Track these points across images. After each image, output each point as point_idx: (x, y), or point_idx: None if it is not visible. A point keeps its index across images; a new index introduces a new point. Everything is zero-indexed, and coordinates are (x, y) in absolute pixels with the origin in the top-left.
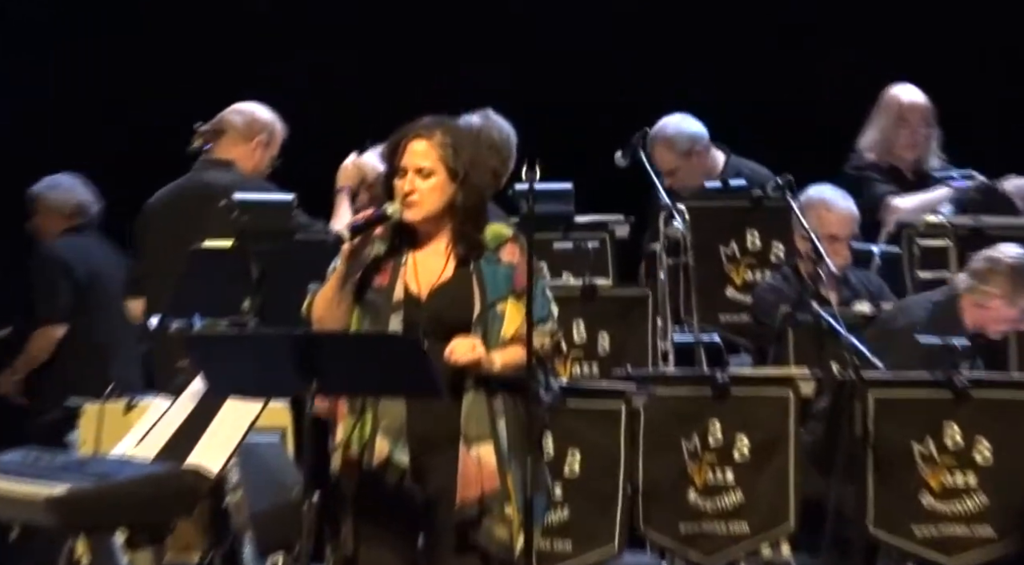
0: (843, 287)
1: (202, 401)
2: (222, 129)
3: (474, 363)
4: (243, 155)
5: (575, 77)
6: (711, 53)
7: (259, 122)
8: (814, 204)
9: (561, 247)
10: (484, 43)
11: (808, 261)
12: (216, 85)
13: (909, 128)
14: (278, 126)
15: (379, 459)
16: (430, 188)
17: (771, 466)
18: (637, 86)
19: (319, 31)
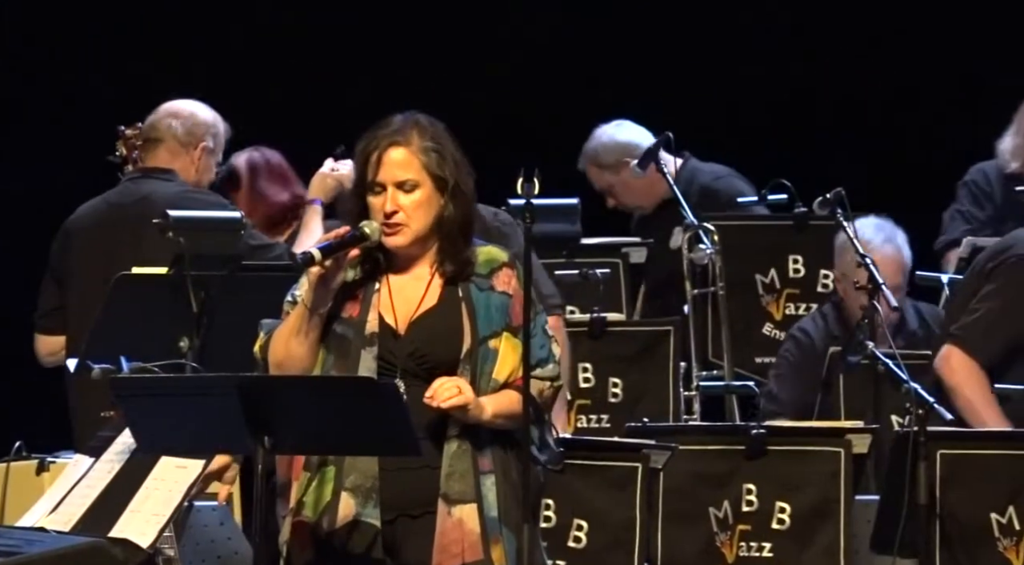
0: (898, 335)
1: (130, 460)
2: (157, 138)
3: (460, 409)
4: (185, 166)
5: (584, 79)
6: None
7: (201, 125)
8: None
9: (565, 274)
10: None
11: (863, 292)
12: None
13: None
14: (221, 126)
15: (343, 520)
16: (415, 204)
17: (818, 538)
18: (655, 89)
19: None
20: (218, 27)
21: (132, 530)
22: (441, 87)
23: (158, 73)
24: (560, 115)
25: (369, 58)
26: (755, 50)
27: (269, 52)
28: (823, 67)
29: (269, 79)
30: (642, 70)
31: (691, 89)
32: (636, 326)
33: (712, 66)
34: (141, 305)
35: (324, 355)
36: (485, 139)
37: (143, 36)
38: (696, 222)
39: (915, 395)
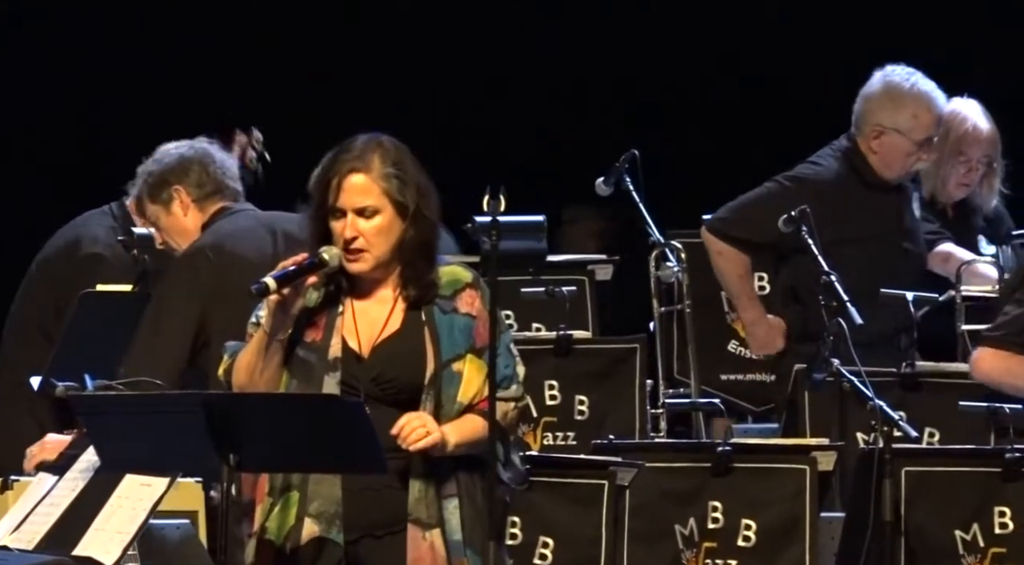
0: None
1: (95, 478)
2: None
3: (429, 448)
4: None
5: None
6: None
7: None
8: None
9: (531, 292)
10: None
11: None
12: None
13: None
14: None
15: (306, 548)
16: (375, 230)
17: (784, 555)
18: (621, 104)
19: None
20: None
21: (96, 548)
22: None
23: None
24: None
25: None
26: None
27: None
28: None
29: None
30: (602, 85)
31: (663, 107)
32: (602, 344)
33: (675, 80)
34: (106, 322)
35: (287, 379)
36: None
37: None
38: (662, 240)
39: (880, 412)
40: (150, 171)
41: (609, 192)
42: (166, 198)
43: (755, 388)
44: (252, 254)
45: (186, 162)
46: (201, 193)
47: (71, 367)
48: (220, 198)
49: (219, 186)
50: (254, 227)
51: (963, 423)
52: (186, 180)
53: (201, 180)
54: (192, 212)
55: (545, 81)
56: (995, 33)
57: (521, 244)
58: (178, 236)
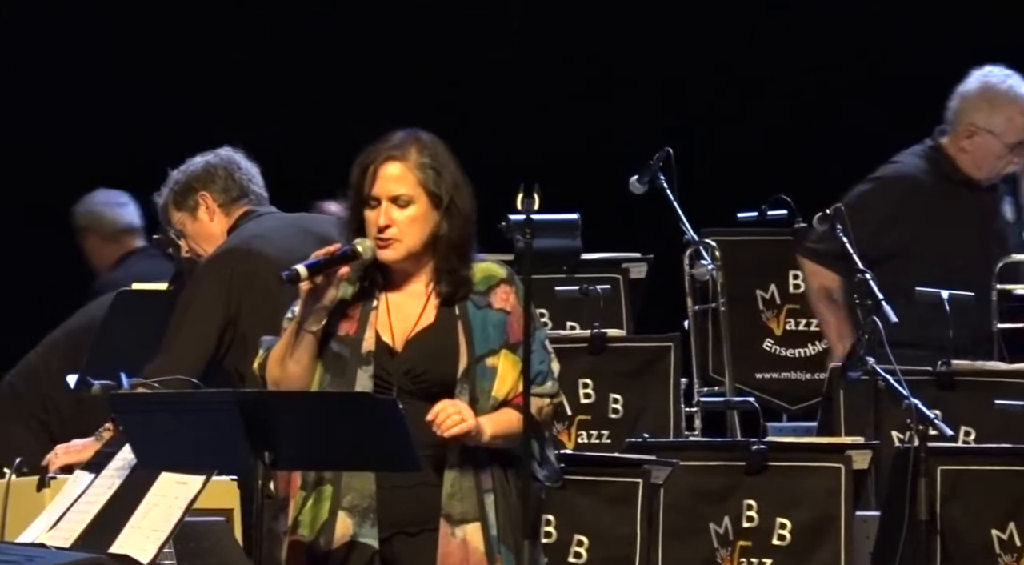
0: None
1: (130, 476)
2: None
3: (463, 434)
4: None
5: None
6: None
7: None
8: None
9: (565, 290)
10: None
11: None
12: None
13: None
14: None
15: (340, 540)
16: (409, 220)
17: (818, 554)
18: (657, 104)
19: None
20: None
21: (132, 546)
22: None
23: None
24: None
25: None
26: (758, 66)
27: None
28: (825, 83)
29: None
30: (643, 82)
31: (693, 104)
32: (636, 342)
33: (710, 79)
34: (142, 321)
35: (321, 373)
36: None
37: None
38: (696, 238)
39: (916, 411)
40: (176, 180)
41: (643, 190)
42: (192, 204)
43: (790, 386)
44: (280, 254)
45: (212, 169)
46: (227, 198)
47: (106, 365)
48: (246, 203)
49: (244, 191)
50: (281, 227)
51: (999, 422)
52: (212, 186)
53: (227, 186)
54: (219, 217)
55: (578, 78)
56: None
57: (555, 242)
58: (204, 242)
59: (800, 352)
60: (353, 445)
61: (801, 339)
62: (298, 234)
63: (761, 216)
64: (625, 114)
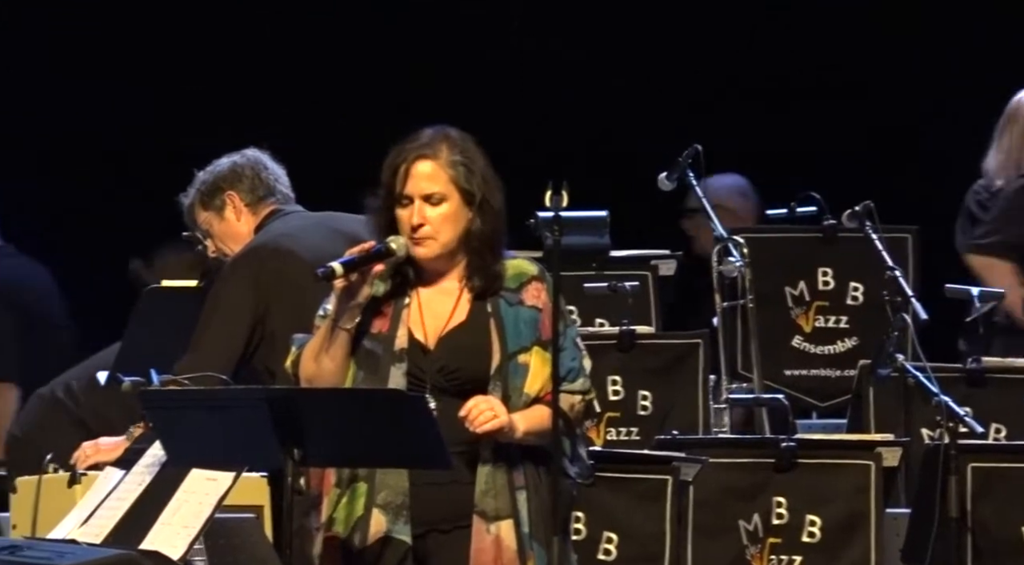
0: None
1: (160, 472)
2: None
3: (496, 431)
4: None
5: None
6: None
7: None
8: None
9: (594, 287)
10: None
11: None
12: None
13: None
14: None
15: (374, 537)
16: (442, 217)
17: (848, 551)
18: (685, 100)
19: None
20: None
21: (162, 542)
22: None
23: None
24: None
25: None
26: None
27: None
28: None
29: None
30: (666, 80)
31: (722, 102)
32: (665, 339)
33: (738, 75)
34: (171, 318)
35: (354, 370)
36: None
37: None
38: (725, 234)
39: (946, 408)
40: (203, 180)
41: (672, 187)
42: (219, 204)
43: (819, 383)
44: (307, 252)
45: (238, 168)
46: (254, 197)
47: (136, 362)
48: (272, 202)
49: (271, 190)
50: (309, 226)
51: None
52: (239, 185)
53: (254, 185)
54: (246, 217)
55: (607, 75)
56: None
57: (584, 239)
58: (231, 242)
59: (829, 349)
60: (383, 442)
61: (830, 336)
62: (326, 232)
63: (790, 213)
64: (654, 110)
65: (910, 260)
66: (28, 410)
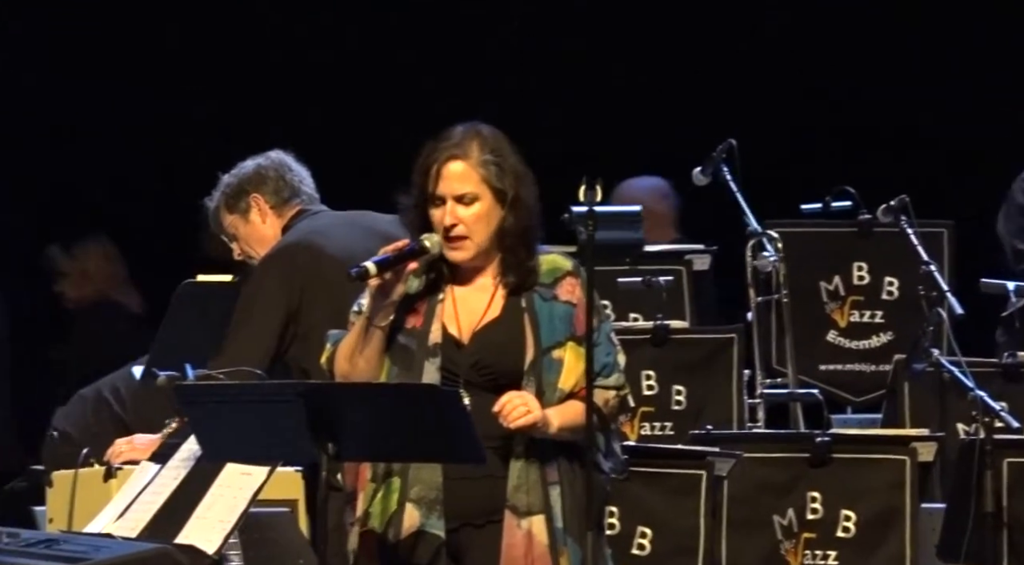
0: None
1: (196, 467)
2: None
3: (529, 426)
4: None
5: (644, 82)
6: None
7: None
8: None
9: (628, 282)
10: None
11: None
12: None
13: None
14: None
15: (408, 531)
16: (475, 217)
17: (883, 546)
18: (720, 92)
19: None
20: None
21: (198, 536)
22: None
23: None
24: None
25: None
26: (819, 55)
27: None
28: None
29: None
30: (701, 74)
31: (753, 95)
32: (699, 333)
33: (774, 70)
34: (206, 312)
35: (388, 366)
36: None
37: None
38: (760, 229)
39: (981, 403)
40: (227, 183)
41: (707, 182)
42: (244, 207)
43: (854, 378)
44: (338, 249)
45: (263, 171)
46: (279, 200)
47: (172, 356)
48: (297, 203)
49: (296, 192)
50: (338, 224)
51: None
52: (263, 188)
53: (278, 187)
54: (271, 219)
55: (642, 69)
56: None
57: (618, 234)
58: (257, 244)
59: (864, 344)
60: (417, 437)
61: (865, 331)
62: (355, 230)
63: (825, 207)
64: (688, 105)
65: (945, 255)
66: (69, 410)
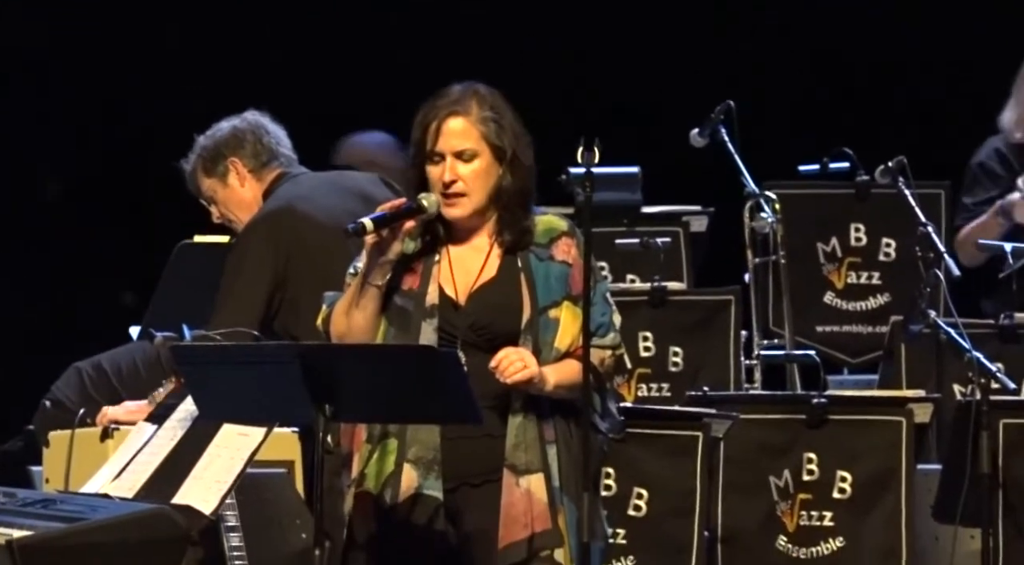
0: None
1: (192, 427)
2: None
3: (526, 382)
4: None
5: (643, 41)
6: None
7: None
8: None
9: (625, 243)
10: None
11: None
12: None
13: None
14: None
15: (406, 492)
16: (474, 174)
17: (879, 507)
18: (718, 53)
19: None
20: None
21: (195, 497)
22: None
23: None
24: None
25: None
26: (816, 18)
27: None
28: (889, 35)
29: None
30: (698, 37)
31: (752, 56)
32: (697, 295)
33: (772, 31)
34: (203, 273)
35: (385, 327)
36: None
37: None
38: (757, 191)
39: (978, 364)
40: (204, 145)
41: (704, 143)
42: (222, 171)
43: (851, 339)
44: (323, 214)
45: (240, 133)
46: (257, 163)
47: (168, 317)
48: (276, 166)
49: (274, 154)
50: (320, 187)
51: None
52: (241, 151)
53: (256, 150)
54: (250, 182)
55: (638, 30)
56: None
57: (616, 195)
58: (236, 208)
59: (861, 305)
60: (414, 398)
61: (862, 292)
62: (339, 192)
63: (823, 169)
64: (686, 67)
65: (943, 216)
66: (64, 381)
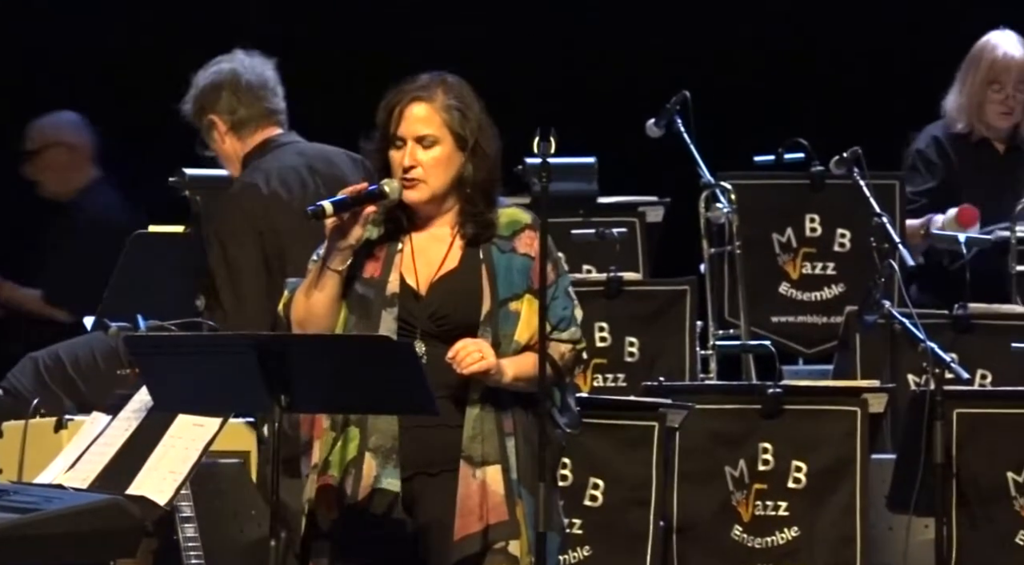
0: None
1: (147, 418)
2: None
3: (482, 373)
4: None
5: (598, 31)
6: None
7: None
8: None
9: (581, 234)
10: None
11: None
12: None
13: (1002, 90)
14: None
15: (367, 480)
16: (434, 161)
17: (834, 497)
18: (674, 44)
19: None
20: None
21: (149, 488)
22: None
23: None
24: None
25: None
26: (771, 7)
27: None
28: (844, 24)
29: None
30: (654, 27)
31: (707, 47)
32: (652, 285)
33: (727, 22)
34: (158, 263)
35: (346, 315)
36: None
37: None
38: (713, 181)
39: (932, 354)
40: (192, 95)
41: (660, 134)
42: (206, 125)
43: (806, 330)
44: (286, 195)
45: (217, 86)
46: (234, 120)
47: (122, 307)
48: (261, 126)
49: (252, 112)
50: (296, 167)
51: (1015, 365)
52: (217, 106)
53: (231, 106)
54: (230, 140)
55: (594, 21)
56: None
57: (572, 186)
58: (226, 162)
59: (816, 295)
60: (370, 388)
61: (817, 283)
62: (310, 174)
63: (778, 159)
64: (642, 57)
65: (897, 207)
66: (19, 369)
